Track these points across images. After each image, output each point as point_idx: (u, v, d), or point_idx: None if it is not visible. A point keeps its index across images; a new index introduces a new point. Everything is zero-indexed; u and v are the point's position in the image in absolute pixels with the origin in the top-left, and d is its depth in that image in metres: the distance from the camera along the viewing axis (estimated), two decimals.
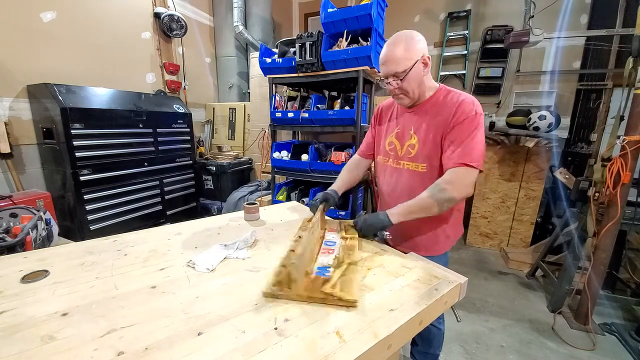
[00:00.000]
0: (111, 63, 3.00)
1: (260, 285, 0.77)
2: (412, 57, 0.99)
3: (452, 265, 1.03)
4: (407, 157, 1.13)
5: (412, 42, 1.00)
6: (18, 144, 2.41)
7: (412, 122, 1.11)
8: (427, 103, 1.09)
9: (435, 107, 1.06)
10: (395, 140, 1.18)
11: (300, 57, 2.32)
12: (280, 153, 2.73)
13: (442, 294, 0.75)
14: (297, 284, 0.73)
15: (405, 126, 1.14)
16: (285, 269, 0.74)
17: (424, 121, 1.08)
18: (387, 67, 1.02)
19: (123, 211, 2.71)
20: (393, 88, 1.04)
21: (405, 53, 0.99)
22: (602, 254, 1.85)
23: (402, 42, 0.99)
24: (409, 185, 1.12)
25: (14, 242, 1.51)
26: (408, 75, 1.00)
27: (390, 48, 1.01)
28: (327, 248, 0.99)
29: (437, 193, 0.98)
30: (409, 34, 1.02)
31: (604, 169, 1.77)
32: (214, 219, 1.30)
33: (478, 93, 4.32)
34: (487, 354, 1.76)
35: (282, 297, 0.72)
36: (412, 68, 0.99)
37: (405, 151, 1.13)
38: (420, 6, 4.30)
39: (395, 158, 1.18)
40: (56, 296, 0.72)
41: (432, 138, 1.05)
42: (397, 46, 0.99)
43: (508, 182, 2.97)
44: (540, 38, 2.79)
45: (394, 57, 0.99)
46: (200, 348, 0.56)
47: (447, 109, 1.02)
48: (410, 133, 1.11)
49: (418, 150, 1.09)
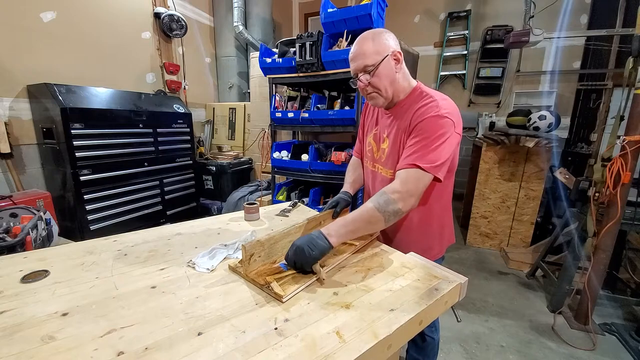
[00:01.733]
0: (111, 63, 3.00)
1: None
2: (380, 51, 0.94)
3: (452, 265, 1.03)
4: (380, 161, 1.10)
5: (381, 37, 0.96)
6: (18, 144, 2.41)
7: (387, 125, 1.06)
8: (400, 104, 1.02)
9: (407, 110, 0.99)
10: (372, 142, 1.15)
11: (300, 57, 2.32)
12: (280, 153, 2.73)
13: (442, 294, 0.75)
14: (248, 265, 0.80)
15: (382, 128, 1.10)
16: (243, 247, 0.80)
17: (395, 125, 1.02)
18: (356, 63, 0.97)
19: (123, 211, 2.71)
20: (364, 85, 0.98)
21: (374, 47, 0.95)
22: (602, 254, 1.85)
23: (369, 38, 0.96)
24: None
25: (14, 242, 1.51)
26: (378, 71, 0.95)
27: (359, 44, 0.97)
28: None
29: (383, 204, 0.87)
30: (377, 30, 0.98)
31: (604, 169, 1.77)
32: (214, 219, 1.30)
33: (478, 93, 4.32)
34: (487, 354, 1.76)
35: (237, 273, 0.83)
36: (382, 62, 0.94)
37: (379, 155, 1.10)
38: (420, 6, 4.30)
39: (371, 160, 1.16)
40: (56, 296, 0.72)
41: (398, 143, 1.00)
42: (366, 42, 0.96)
43: (508, 182, 2.97)
44: (540, 38, 2.79)
45: (362, 52, 0.95)
46: (200, 348, 0.56)
47: (413, 110, 0.95)
48: (384, 137, 1.07)
49: (387, 155, 1.05)
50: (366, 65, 0.95)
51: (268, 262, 0.87)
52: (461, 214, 3.82)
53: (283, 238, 0.91)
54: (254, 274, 0.80)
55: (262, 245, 0.84)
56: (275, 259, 0.89)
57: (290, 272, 0.82)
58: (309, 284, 0.79)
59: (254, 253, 0.82)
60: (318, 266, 0.81)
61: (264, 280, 0.77)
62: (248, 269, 0.81)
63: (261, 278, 0.79)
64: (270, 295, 0.74)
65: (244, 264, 0.81)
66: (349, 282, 0.81)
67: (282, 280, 0.78)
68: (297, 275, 0.82)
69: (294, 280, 0.80)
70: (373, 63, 0.95)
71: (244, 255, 0.80)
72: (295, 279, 0.80)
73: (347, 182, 1.30)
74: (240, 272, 0.82)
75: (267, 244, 0.86)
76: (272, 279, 0.78)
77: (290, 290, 0.74)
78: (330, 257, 0.92)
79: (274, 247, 0.89)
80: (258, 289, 0.77)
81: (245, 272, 0.81)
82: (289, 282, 0.79)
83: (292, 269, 0.83)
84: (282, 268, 0.84)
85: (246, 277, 0.81)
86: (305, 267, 0.81)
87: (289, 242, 0.86)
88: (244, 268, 0.81)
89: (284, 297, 0.71)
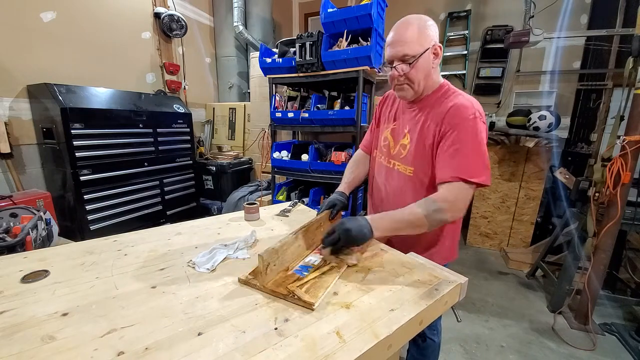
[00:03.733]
0: (111, 63, 3.00)
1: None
2: (424, 42, 0.89)
3: (452, 265, 1.03)
4: (399, 157, 1.05)
5: (426, 26, 0.90)
6: (18, 144, 2.41)
7: (409, 120, 1.03)
8: (427, 100, 0.98)
9: (433, 107, 0.96)
10: (389, 136, 1.10)
11: (300, 57, 2.32)
12: (280, 153, 2.73)
13: (442, 294, 0.75)
14: (265, 275, 0.74)
15: (402, 123, 1.05)
16: (260, 257, 0.74)
17: (420, 121, 0.98)
18: (395, 49, 0.90)
19: (123, 211, 2.71)
20: (398, 75, 0.92)
21: (418, 37, 0.89)
22: (602, 254, 1.85)
23: (414, 25, 0.89)
24: (399, 186, 1.05)
25: (14, 242, 1.51)
26: (418, 62, 0.89)
27: (402, 29, 0.90)
28: (319, 249, 0.96)
29: (432, 212, 0.85)
30: (423, 17, 0.91)
31: (604, 169, 1.77)
32: (214, 219, 1.30)
33: (478, 93, 4.32)
34: (487, 354, 1.76)
35: (252, 286, 0.75)
36: (423, 55, 0.89)
37: (397, 151, 1.05)
38: (420, 6, 4.30)
39: (387, 156, 1.10)
40: (56, 296, 0.72)
41: (423, 141, 0.96)
42: (409, 28, 0.89)
43: (508, 182, 2.97)
44: (540, 38, 2.78)
45: (405, 39, 0.89)
46: (200, 348, 0.56)
47: (442, 110, 0.92)
48: (405, 132, 1.03)
49: (409, 152, 1.00)
50: (406, 55, 0.90)
51: (281, 270, 0.82)
52: None
53: (293, 243, 0.87)
54: (271, 285, 0.75)
55: (277, 253, 0.79)
56: (287, 266, 0.84)
57: (311, 275, 0.79)
58: (331, 286, 0.76)
59: (269, 263, 0.77)
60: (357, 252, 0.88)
61: (286, 289, 0.73)
62: (265, 279, 0.75)
63: (282, 288, 0.73)
64: (297, 305, 0.69)
65: (260, 275, 0.75)
66: (349, 282, 0.81)
67: (303, 287, 0.74)
68: (317, 279, 0.78)
69: (315, 285, 0.76)
70: (414, 54, 0.89)
71: (261, 266, 0.74)
72: (316, 284, 0.76)
73: (344, 181, 1.24)
74: (254, 285, 0.76)
75: (281, 250, 0.81)
76: (294, 286, 0.74)
77: (318, 297, 0.70)
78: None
79: (285, 254, 0.84)
80: (272, 298, 0.72)
81: (263, 284, 0.74)
82: (313, 288, 0.74)
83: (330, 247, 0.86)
84: (297, 275, 0.80)
85: (263, 289, 0.74)
86: (342, 250, 0.85)
87: (298, 246, 0.86)
88: (262, 279, 0.75)
89: (315, 305, 0.68)
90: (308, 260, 0.90)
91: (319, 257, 0.91)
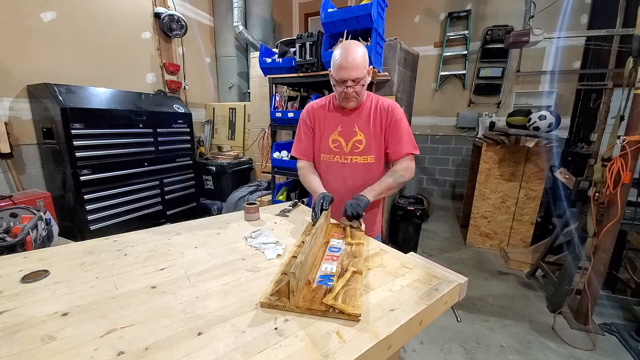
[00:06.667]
0: (111, 63, 3.00)
1: (260, 285, 0.77)
2: (367, 65, 1.17)
3: (452, 265, 1.03)
4: (355, 152, 1.29)
5: (366, 52, 1.16)
6: (18, 144, 2.41)
7: (354, 121, 1.28)
8: (364, 105, 1.28)
9: (372, 109, 1.27)
10: (339, 138, 1.30)
11: (300, 57, 2.32)
12: (280, 153, 2.73)
13: (442, 294, 0.75)
14: (296, 294, 0.68)
15: (348, 125, 1.29)
16: (286, 277, 0.69)
17: (366, 120, 1.27)
18: (349, 72, 1.13)
19: (123, 211, 2.71)
20: (352, 92, 1.17)
21: (363, 61, 1.14)
22: (602, 254, 1.85)
23: (361, 52, 1.14)
24: (361, 175, 1.30)
25: (14, 242, 1.51)
26: (363, 81, 1.18)
27: (352, 56, 1.12)
28: (331, 254, 0.92)
29: (398, 178, 1.23)
30: (361, 45, 1.16)
31: (604, 169, 1.77)
32: (214, 218, 1.30)
33: (478, 93, 4.32)
34: (487, 354, 1.76)
35: (280, 308, 0.68)
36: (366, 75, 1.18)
37: (352, 146, 1.29)
38: (420, 6, 4.30)
39: (341, 154, 1.31)
40: (56, 296, 0.72)
41: (376, 134, 1.27)
42: (358, 55, 1.12)
43: (508, 182, 2.97)
44: (540, 38, 2.79)
45: (356, 64, 1.12)
46: (200, 348, 0.56)
47: (383, 112, 1.26)
48: (355, 130, 1.28)
49: (366, 145, 1.27)
50: (357, 77, 1.15)
51: (303, 284, 0.75)
52: (461, 213, 3.82)
53: (310, 252, 0.82)
54: (303, 302, 0.69)
55: (302, 267, 0.73)
56: (307, 278, 0.78)
57: (339, 285, 0.74)
58: (362, 291, 0.74)
59: (299, 280, 0.71)
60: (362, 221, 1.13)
61: (323, 305, 0.67)
62: (298, 299, 0.69)
63: (316, 304, 0.68)
64: (340, 319, 0.65)
65: (292, 294, 0.67)
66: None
67: (338, 298, 0.70)
68: (345, 287, 0.74)
69: (347, 294, 0.71)
70: (363, 76, 1.16)
71: (294, 284, 0.67)
72: (348, 292, 0.72)
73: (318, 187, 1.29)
74: (282, 307, 0.68)
75: (305, 263, 0.75)
76: (329, 300, 0.69)
77: (358, 305, 0.67)
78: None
79: (306, 265, 0.78)
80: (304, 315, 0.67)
81: (295, 304, 0.67)
82: (347, 297, 0.70)
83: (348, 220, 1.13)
84: (323, 286, 0.75)
85: (296, 310, 0.67)
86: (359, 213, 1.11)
87: (313, 255, 0.87)
88: (294, 299, 0.68)
89: (360, 315, 0.64)
90: (324, 268, 0.85)
91: (334, 264, 0.87)
